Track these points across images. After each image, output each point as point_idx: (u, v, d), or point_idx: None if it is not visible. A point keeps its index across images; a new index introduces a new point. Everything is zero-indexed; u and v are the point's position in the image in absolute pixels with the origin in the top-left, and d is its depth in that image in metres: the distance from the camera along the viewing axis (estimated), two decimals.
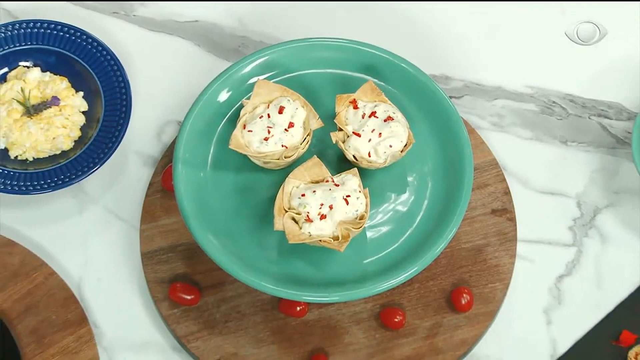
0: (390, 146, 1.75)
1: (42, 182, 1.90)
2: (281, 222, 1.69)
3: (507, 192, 1.92)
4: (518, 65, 2.05)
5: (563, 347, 1.85)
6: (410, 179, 1.80)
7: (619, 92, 2.02)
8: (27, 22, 2.00)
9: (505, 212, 1.91)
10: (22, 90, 1.96)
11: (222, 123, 1.82)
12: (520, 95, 2.02)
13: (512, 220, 1.91)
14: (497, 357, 1.85)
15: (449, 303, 1.85)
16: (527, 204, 1.93)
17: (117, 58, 1.97)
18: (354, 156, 1.76)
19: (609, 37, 2.05)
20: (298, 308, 1.85)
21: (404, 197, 1.79)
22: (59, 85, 1.97)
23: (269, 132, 1.75)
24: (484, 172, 1.93)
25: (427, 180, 1.80)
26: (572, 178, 1.96)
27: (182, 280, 1.87)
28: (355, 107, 1.78)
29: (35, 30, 1.99)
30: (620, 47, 2.06)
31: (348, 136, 1.76)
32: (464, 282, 1.87)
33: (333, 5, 2.08)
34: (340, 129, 1.77)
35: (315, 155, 1.76)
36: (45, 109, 1.95)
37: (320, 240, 1.69)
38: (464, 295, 1.84)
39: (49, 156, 1.94)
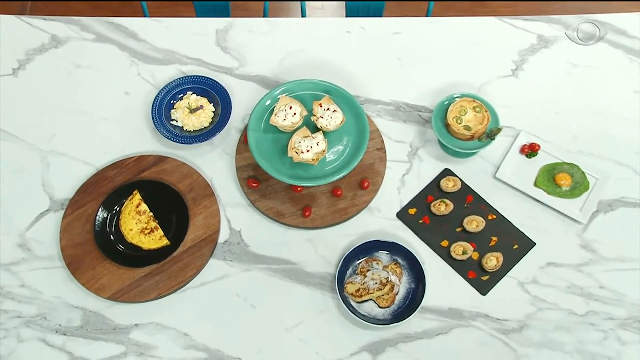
0: (335, 122, 1.51)
1: (195, 139, 1.64)
2: (291, 153, 1.47)
3: (383, 141, 1.65)
4: (385, 90, 1.74)
5: (405, 202, 1.60)
6: (344, 136, 1.54)
7: (425, 101, 1.72)
8: (191, 76, 1.71)
9: (382, 149, 1.64)
10: (189, 103, 1.69)
11: (267, 113, 1.56)
12: (387, 103, 1.73)
13: (385, 152, 1.64)
14: (379, 206, 1.60)
15: (359, 185, 1.60)
16: (388, 147, 1.65)
17: (227, 91, 1.70)
18: (320, 126, 1.51)
19: (426, 67, 1.74)
20: (299, 188, 1.59)
21: (342, 144, 1.54)
22: (203, 101, 1.70)
23: (285, 117, 1.50)
24: (373, 133, 1.66)
25: (349, 136, 1.54)
26: (408, 135, 1.68)
27: (252, 177, 1.61)
28: (321, 106, 1.52)
29: (194, 79, 1.71)
30: (429, 74, 1.74)
31: (318, 118, 1.51)
32: (366, 177, 1.61)
33: (311, 68, 1.76)
34: (314, 115, 1.52)
35: (304, 126, 1.52)
36: (197, 110, 1.68)
37: (306, 160, 1.46)
38: (366, 183, 1.59)
39: (199, 129, 1.67)
